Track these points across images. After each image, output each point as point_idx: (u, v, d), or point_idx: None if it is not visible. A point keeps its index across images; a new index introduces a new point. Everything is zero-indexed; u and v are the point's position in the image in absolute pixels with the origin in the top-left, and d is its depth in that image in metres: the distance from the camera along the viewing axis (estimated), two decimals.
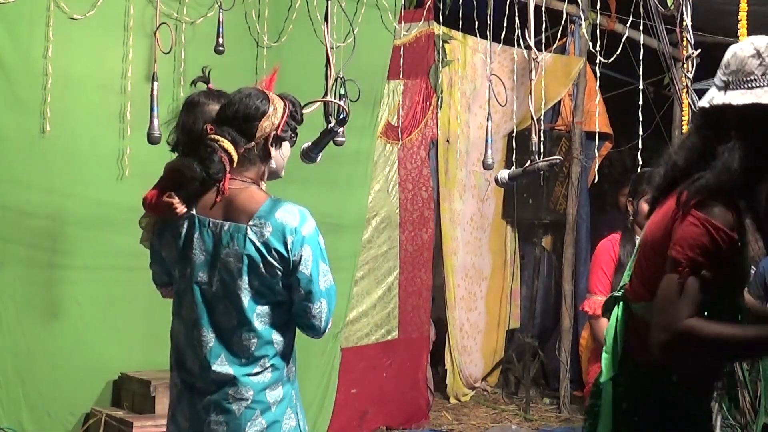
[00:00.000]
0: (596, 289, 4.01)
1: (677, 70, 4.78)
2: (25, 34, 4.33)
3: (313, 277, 2.51)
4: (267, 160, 2.61)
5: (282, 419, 2.55)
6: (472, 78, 6.87)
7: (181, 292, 2.70)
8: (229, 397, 2.55)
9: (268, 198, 2.55)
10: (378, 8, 5.55)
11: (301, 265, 2.49)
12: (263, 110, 2.62)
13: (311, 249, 2.51)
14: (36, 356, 4.41)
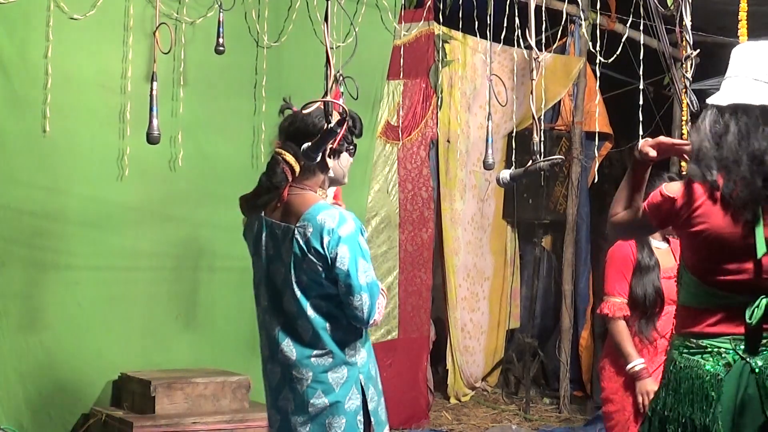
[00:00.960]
0: (615, 292, 3.95)
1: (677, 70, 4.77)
2: (25, 34, 4.33)
3: (350, 273, 2.79)
4: (326, 170, 2.94)
5: (344, 399, 2.84)
6: (472, 78, 6.86)
7: (258, 283, 3.02)
8: (294, 377, 2.87)
9: (316, 202, 2.88)
10: (378, 8, 5.55)
11: (338, 262, 2.79)
12: (320, 126, 2.81)
13: (348, 248, 2.80)
14: (36, 356, 4.41)
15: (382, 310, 2.92)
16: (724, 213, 2.51)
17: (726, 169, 2.50)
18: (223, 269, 5.00)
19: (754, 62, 2.59)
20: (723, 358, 2.51)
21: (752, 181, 2.48)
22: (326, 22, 2.99)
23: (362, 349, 2.93)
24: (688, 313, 2.60)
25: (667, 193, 2.59)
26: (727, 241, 2.51)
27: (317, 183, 2.95)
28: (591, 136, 6.51)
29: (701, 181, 2.54)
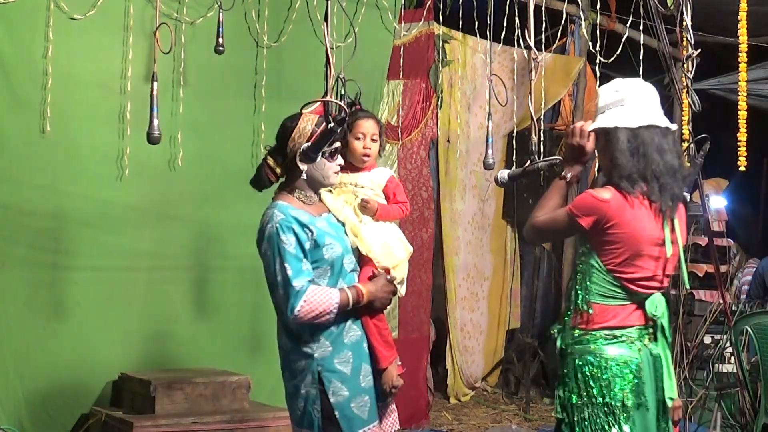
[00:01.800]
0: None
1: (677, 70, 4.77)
2: (25, 34, 4.33)
3: (270, 269, 3.03)
4: (298, 174, 3.10)
5: (301, 386, 3.08)
6: (472, 78, 6.86)
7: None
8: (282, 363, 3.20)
9: (274, 202, 3.10)
10: (378, 8, 5.55)
11: (264, 259, 3.05)
12: (290, 129, 3.08)
13: (269, 245, 3.02)
14: (36, 356, 4.41)
15: (317, 307, 3.00)
16: (645, 219, 2.92)
17: (645, 180, 2.91)
18: (224, 269, 5.00)
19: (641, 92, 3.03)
20: (635, 345, 2.95)
21: (668, 191, 2.92)
22: (326, 22, 3.01)
23: (326, 343, 3.08)
24: (604, 309, 2.96)
25: (601, 196, 2.92)
26: (645, 244, 2.93)
27: (296, 185, 3.13)
28: None
29: (627, 191, 2.91)
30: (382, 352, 3.19)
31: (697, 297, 6.76)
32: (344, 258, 3.15)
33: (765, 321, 5.50)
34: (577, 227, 2.97)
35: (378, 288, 3.16)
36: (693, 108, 3.65)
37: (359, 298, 3.10)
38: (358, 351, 3.15)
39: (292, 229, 3.02)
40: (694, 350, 6.18)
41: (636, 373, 2.91)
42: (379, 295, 3.16)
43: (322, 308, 3.01)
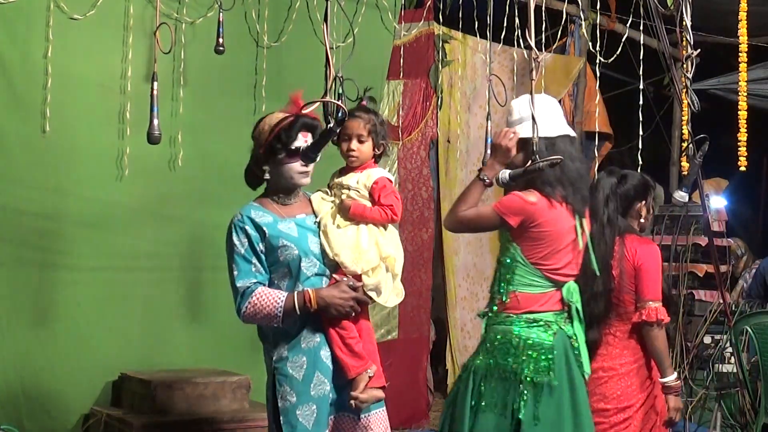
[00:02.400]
0: (658, 296, 3.83)
1: (677, 70, 4.78)
2: (25, 34, 4.32)
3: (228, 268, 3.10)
4: (263, 175, 3.16)
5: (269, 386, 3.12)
6: (472, 78, 6.86)
7: None
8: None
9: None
10: (378, 8, 5.55)
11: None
12: (253, 132, 3.19)
13: (226, 246, 3.11)
14: (36, 356, 4.41)
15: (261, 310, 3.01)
16: (563, 218, 3.32)
17: (562, 184, 3.29)
18: (224, 269, 4.94)
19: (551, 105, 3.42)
20: (551, 328, 3.31)
21: (580, 194, 3.34)
22: (326, 22, 3.01)
23: (284, 347, 3.08)
24: (525, 297, 3.35)
25: (529, 199, 3.29)
26: (563, 240, 3.32)
27: (270, 186, 3.18)
28: (591, 136, 6.51)
29: (549, 195, 3.29)
30: (347, 361, 3.08)
31: (697, 297, 6.76)
32: (302, 261, 3.07)
33: (765, 321, 5.49)
34: (504, 225, 3.37)
35: (333, 294, 3.04)
36: (692, 108, 3.65)
37: (307, 304, 3.01)
38: (314, 358, 3.07)
39: (245, 230, 3.05)
40: (694, 350, 6.18)
41: (548, 355, 3.27)
42: (333, 302, 3.03)
43: (266, 311, 3.00)
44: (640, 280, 3.82)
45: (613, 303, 3.85)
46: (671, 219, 6.23)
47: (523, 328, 3.31)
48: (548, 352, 3.26)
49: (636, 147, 4.16)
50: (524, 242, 3.35)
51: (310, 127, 3.12)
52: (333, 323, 3.08)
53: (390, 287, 3.19)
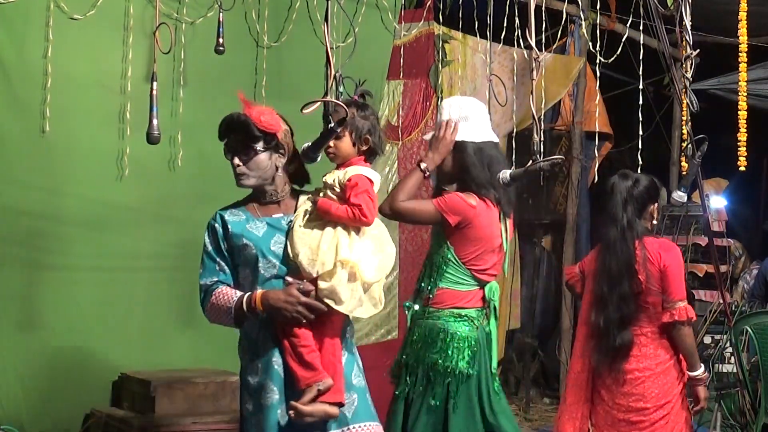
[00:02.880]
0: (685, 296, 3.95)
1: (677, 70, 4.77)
2: (25, 34, 4.33)
3: None
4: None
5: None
6: (472, 78, 6.86)
7: None
8: None
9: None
10: (378, 8, 5.55)
11: None
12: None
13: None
14: (36, 356, 4.41)
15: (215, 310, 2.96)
16: (494, 221, 3.51)
17: (494, 187, 3.47)
18: None
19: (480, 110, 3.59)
20: (474, 324, 3.50)
21: (506, 197, 3.53)
22: (326, 22, 2.99)
23: (246, 353, 3.02)
24: (453, 293, 3.51)
25: (470, 201, 3.46)
26: (494, 242, 3.52)
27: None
28: (591, 136, 6.51)
29: (486, 197, 3.47)
30: (297, 372, 2.86)
31: (697, 297, 6.75)
32: (259, 261, 2.91)
33: (765, 321, 5.50)
34: (443, 221, 3.49)
35: (279, 297, 2.83)
36: (692, 108, 3.65)
37: (253, 306, 2.86)
38: (268, 366, 2.93)
39: (214, 228, 3.03)
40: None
41: (472, 348, 3.47)
42: (278, 306, 2.82)
43: (221, 311, 2.93)
44: (667, 282, 3.90)
45: (642, 306, 3.93)
46: (671, 219, 6.24)
47: (450, 323, 3.50)
48: (473, 346, 3.47)
49: (636, 147, 4.16)
50: (458, 242, 3.50)
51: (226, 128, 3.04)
52: (285, 329, 2.88)
53: (355, 296, 2.90)
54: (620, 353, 3.91)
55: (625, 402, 3.93)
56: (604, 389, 3.99)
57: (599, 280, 3.97)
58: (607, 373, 3.97)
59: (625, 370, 3.91)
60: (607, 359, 3.94)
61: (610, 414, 3.98)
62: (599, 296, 3.96)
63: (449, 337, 3.49)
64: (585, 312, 4.09)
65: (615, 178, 4.04)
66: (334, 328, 2.95)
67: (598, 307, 3.96)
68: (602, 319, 3.92)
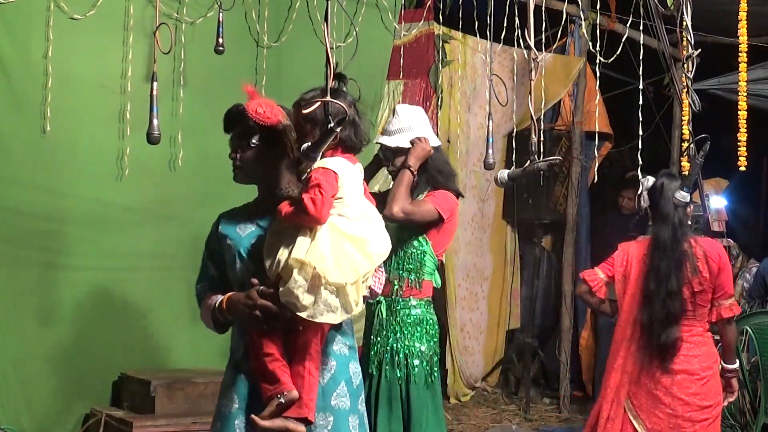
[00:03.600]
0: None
1: (677, 70, 4.77)
2: (25, 34, 4.33)
3: None
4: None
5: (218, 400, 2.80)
6: (472, 78, 6.86)
7: None
8: None
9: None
10: (378, 8, 5.55)
11: None
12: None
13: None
14: (36, 356, 4.41)
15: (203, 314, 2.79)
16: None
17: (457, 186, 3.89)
18: None
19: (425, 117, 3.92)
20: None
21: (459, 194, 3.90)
22: (326, 22, 2.97)
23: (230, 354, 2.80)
24: (427, 284, 3.82)
25: (455, 201, 3.81)
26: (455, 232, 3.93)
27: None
28: (591, 136, 6.51)
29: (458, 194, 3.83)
30: (260, 381, 2.65)
31: None
32: (237, 261, 2.75)
33: (765, 321, 5.49)
34: (438, 218, 3.73)
35: (239, 300, 2.65)
36: (693, 108, 3.65)
37: (221, 309, 2.71)
38: (235, 372, 2.74)
39: (213, 228, 2.91)
40: None
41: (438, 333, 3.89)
42: (236, 308, 2.65)
43: (206, 317, 2.78)
44: (723, 278, 3.99)
45: (699, 304, 3.97)
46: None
47: (427, 312, 3.83)
48: (438, 331, 3.88)
49: (636, 147, 4.16)
50: (435, 236, 3.78)
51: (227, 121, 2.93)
52: (257, 334, 2.66)
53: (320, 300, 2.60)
54: (669, 351, 3.93)
55: (695, 401, 3.94)
56: (662, 392, 3.96)
57: (649, 278, 3.98)
58: (659, 374, 3.96)
59: (691, 372, 3.94)
60: (657, 358, 3.94)
61: (674, 416, 3.95)
62: (648, 294, 3.97)
63: (426, 323, 3.82)
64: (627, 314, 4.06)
65: (663, 179, 4.04)
66: (306, 336, 2.66)
67: (647, 305, 3.97)
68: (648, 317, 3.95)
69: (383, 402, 3.78)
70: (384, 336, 3.82)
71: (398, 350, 3.79)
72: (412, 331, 3.82)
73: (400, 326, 3.81)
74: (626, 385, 3.99)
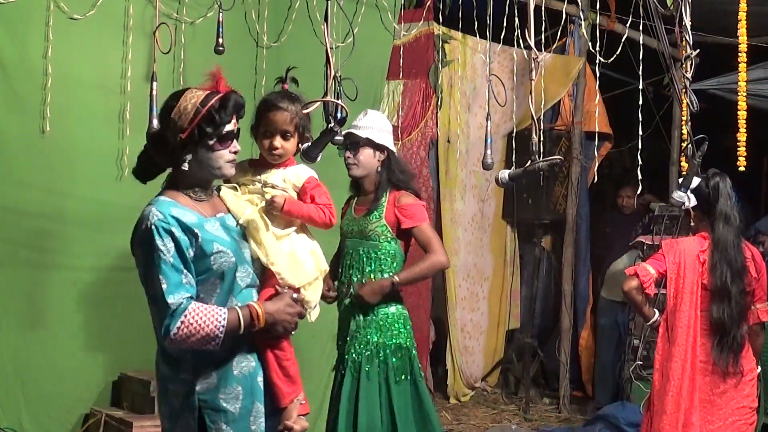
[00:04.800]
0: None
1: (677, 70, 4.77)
2: (25, 34, 4.33)
3: (142, 279, 2.55)
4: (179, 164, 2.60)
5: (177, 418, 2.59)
6: (472, 78, 6.86)
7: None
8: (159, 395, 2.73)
9: (154, 198, 2.63)
10: (378, 8, 5.55)
11: (138, 267, 2.59)
12: (167, 111, 2.60)
13: (143, 250, 2.53)
14: (36, 356, 4.41)
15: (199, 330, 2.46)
16: None
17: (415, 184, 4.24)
18: None
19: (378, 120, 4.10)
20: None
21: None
22: (326, 22, 2.98)
23: (211, 375, 2.55)
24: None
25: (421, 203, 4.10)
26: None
27: (183, 179, 2.63)
28: (591, 136, 6.51)
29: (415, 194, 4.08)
30: (282, 388, 2.66)
31: None
32: (237, 270, 2.60)
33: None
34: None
35: (280, 309, 2.60)
36: (692, 108, 3.64)
37: (254, 321, 2.54)
38: (251, 386, 2.60)
39: (171, 232, 2.50)
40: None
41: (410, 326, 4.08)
42: (281, 318, 2.60)
43: (205, 332, 2.45)
44: (763, 281, 4.05)
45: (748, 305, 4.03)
46: (671, 219, 6.23)
47: (402, 308, 4.05)
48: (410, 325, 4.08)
49: (636, 147, 4.16)
50: (406, 239, 4.06)
51: (241, 108, 2.68)
52: (272, 344, 2.64)
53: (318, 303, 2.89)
54: (740, 350, 3.96)
55: (746, 403, 3.99)
56: (717, 395, 3.98)
57: (716, 278, 3.96)
58: (720, 376, 3.96)
59: (744, 372, 3.97)
60: (729, 357, 3.95)
61: (729, 419, 3.97)
62: (721, 293, 3.97)
63: (404, 319, 4.03)
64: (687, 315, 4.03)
65: (717, 179, 4.04)
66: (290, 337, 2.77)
67: (720, 303, 3.97)
68: (725, 315, 3.95)
69: (365, 402, 3.84)
70: (362, 336, 3.96)
71: (377, 348, 3.93)
72: (390, 328, 3.97)
73: (378, 325, 3.96)
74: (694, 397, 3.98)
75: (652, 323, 4.13)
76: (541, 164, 3.19)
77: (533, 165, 3.22)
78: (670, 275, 4.04)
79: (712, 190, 3.99)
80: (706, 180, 4.02)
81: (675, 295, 4.03)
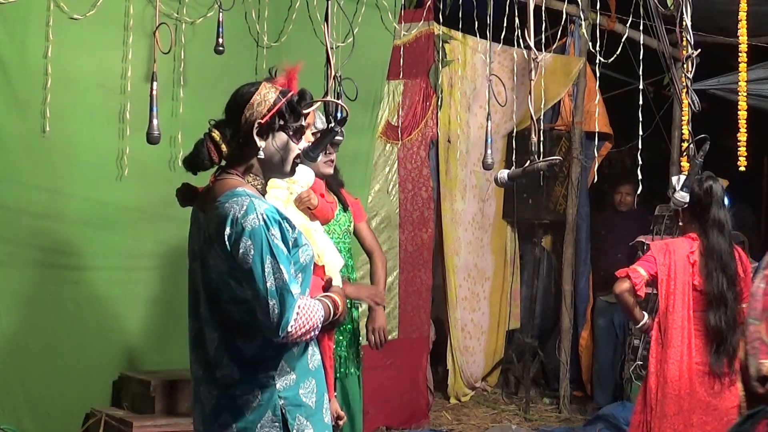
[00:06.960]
0: None
1: (677, 70, 4.77)
2: (25, 34, 4.33)
3: (254, 273, 2.35)
4: (253, 151, 2.52)
5: (255, 426, 2.43)
6: (472, 78, 6.86)
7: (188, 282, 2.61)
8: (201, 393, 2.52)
9: (233, 188, 2.47)
10: (378, 8, 5.55)
11: (240, 259, 2.36)
12: (247, 98, 2.53)
13: (253, 243, 2.35)
14: (36, 356, 4.41)
15: (307, 323, 2.41)
16: None
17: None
18: None
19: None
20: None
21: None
22: (326, 22, 2.98)
23: (290, 371, 2.46)
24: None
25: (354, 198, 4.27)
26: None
27: (246, 168, 2.55)
28: (591, 136, 6.51)
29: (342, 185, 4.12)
30: (331, 375, 2.78)
31: None
32: (312, 263, 2.59)
33: None
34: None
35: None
36: (693, 108, 3.64)
37: (336, 312, 2.58)
38: (321, 378, 2.56)
39: (279, 222, 2.42)
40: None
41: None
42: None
43: (311, 323, 2.42)
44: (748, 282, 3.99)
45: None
46: (671, 219, 6.22)
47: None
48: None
49: (636, 147, 4.16)
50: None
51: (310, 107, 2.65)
52: (329, 334, 2.77)
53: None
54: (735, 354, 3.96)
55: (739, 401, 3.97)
56: (713, 396, 3.98)
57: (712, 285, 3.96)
58: (716, 379, 3.96)
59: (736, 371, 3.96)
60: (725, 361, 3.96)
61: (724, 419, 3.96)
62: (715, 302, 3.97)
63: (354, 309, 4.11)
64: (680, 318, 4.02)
65: (710, 182, 4.02)
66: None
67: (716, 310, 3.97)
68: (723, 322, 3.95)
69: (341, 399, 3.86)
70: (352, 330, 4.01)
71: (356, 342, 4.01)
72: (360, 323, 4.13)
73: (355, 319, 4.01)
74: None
75: (641, 326, 4.12)
76: (540, 164, 3.19)
77: (532, 165, 3.22)
78: (661, 277, 4.03)
79: (704, 193, 3.98)
80: (699, 183, 4.00)
81: (667, 296, 4.03)
